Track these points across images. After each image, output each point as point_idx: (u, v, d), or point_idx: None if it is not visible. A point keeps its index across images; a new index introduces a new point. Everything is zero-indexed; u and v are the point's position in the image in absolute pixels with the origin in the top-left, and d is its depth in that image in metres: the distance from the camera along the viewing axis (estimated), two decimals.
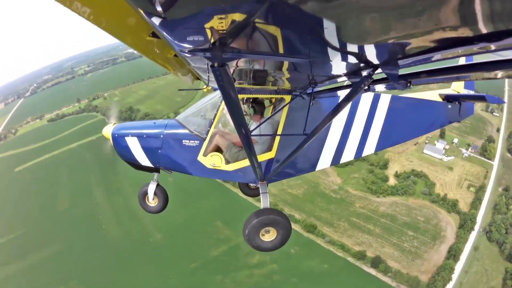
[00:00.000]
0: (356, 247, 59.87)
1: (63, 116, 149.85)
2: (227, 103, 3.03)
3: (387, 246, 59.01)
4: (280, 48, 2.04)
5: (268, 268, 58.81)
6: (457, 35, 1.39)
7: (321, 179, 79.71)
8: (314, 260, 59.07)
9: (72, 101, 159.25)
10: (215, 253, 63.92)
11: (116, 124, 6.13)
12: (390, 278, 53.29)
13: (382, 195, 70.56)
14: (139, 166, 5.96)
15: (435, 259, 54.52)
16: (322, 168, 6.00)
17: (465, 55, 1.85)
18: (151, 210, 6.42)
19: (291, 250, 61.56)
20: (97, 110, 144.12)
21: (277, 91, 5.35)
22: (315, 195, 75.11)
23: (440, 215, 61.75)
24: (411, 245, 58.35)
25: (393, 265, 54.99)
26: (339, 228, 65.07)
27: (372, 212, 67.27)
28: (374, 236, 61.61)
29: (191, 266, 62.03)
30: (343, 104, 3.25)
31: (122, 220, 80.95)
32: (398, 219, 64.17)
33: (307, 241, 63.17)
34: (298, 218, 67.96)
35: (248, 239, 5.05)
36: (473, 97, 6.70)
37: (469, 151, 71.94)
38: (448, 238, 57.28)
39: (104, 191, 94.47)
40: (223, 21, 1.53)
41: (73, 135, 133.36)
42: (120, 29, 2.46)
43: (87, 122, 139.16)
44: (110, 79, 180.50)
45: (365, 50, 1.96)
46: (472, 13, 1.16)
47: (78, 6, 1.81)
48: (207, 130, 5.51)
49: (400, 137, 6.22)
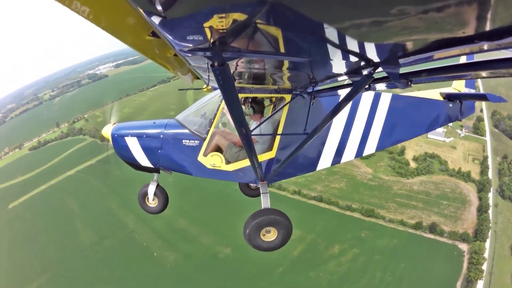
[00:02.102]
0: (410, 220, 74.29)
1: (45, 142, 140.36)
2: (227, 103, 3.14)
3: (432, 215, 75.01)
4: (281, 47, 2.09)
5: (351, 254, 68.54)
6: (458, 34, 1.42)
7: (354, 172, 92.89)
8: (384, 238, 71.29)
9: (50, 126, 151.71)
10: (296, 253, 70.31)
11: (116, 124, 6.18)
12: (446, 238, 69.11)
13: (410, 177, 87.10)
14: (139, 167, 6.01)
15: (471, 218, 72.49)
16: (322, 167, 6.09)
17: (466, 54, 1.85)
18: (151, 211, 6.48)
19: (362, 234, 72.71)
20: (83, 133, 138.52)
21: (277, 91, 5.41)
22: (356, 186, 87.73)
23: (460, 185, 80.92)
24: (449, 211, 75.59)
25: (444, 228, 71.25)
26: (390, 208, 78.88)
27: (409, 191, 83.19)
28: (420, 210, 77.18)
29: (279, 271, 66.68)
30: (344, 103, 3.34)
31: (174, 243, 79.12)
32: (431, 193, 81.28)
33: (371, 224, 75.08)
34: (355, 207, 79.53)
35: (248, 239, 5.14)
36: (474, 95, 6.87)
37: (464, 131, 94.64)
38: (473, 201, 76.25)
39: (133, 215, 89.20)
40: (223, 21, 1.57)
41: (65, 161, 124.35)
42: (119, 29, 2.51)
43: (76, 147, 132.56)
44: (82, 101, 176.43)
45: (365, 49, 2.01)
46: (472, 12, 1.19)
47: (78, 5, 1.85)
48: (207, 130, 5.58)
49: (401, 136, 6.29)
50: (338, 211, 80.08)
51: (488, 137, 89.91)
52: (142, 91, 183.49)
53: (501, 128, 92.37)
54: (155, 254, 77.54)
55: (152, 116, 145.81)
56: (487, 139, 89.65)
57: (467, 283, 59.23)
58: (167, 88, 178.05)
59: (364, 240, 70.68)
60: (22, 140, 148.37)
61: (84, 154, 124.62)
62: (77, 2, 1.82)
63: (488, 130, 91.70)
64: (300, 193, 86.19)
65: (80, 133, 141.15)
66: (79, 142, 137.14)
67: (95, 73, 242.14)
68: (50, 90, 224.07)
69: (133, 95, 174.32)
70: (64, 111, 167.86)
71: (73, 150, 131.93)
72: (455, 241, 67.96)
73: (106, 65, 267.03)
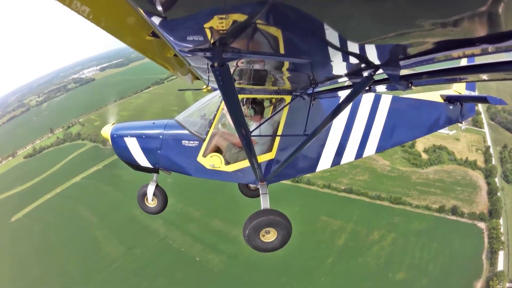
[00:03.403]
0: (433, 205, 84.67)
1: (41, 149, 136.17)
2: (227, 103, 3.20)
3: (451, 200, 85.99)
4: (281, 48, 2.12)
5: (390, 238, 76.68)
6: (459, 36, 1.44)
7: (374, 165, 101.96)
8: (414, 222, 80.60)
9: (43, 132, 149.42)
10: (341, 242, 76.81)
11: (115, 124, 6.28)
12: (466, 219, 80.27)
13: (424, 167, 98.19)
14: (138, 167, 6.12)
15: (483, 200, 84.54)
16: (322, 169, 6.18)
17: (467, 56, 1.88)
18: (151, 211, 6.60)
19: (395, 220, 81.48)
20: (82, 138, 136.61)
21: (277, 91, 5.52)
22: (379, 177, 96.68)
23: (469, 172, 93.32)
24: (464, 195, 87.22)
25: (463, 210, 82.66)
26: (413, 196, 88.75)
27: (426, 180, 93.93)
28: (439, 196, 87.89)
29: (328, 262, 71.93)
30: (344, 104, 3.40)
31: (215, 245, 79.35)
32: (445, 181, 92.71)
33: (401, 211, 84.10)
34: (384, 196, 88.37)
35: (248, 240, 5.25)
36: (475, 98, 7.06)
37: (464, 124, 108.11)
38: (482, 186, 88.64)
39: (160, 220, 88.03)
40: (223, 21, 1.58)
41: (67, 168, 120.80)
42: (119, 29, 2.54)
43: (76, 152, 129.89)
44: (73, 105, 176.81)
45: (366, 50, 2.03)
46: (473, 14, 1.19)
47: (78, 5, 1.87)
48: (207, 130, 5.68)
49: (401, 138, 6.40)
50: (368, 200, 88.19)
51: (486, 128, 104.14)
52: (136, 93, 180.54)
53: (497, 121, 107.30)
54: (197, 258, 77.15)
55: (154, 117, 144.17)
56: (485, 130, 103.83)
57: (492, 254, 70.34)
58: (163, 90, 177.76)
59: (398, 225, 79.43)
60: (14, 148, 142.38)
61: (87, 159, 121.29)
62: (77, 2, 1.86)
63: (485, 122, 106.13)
64: (330, 187, 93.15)
65: (78, 138, 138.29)
66: (79, 147, 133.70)
67: (80, 77, 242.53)
68: (36, 96, 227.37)
69: (127, 97, 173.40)
70: (56, 116, 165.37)
71: (73, 156, 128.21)
72: (474, 221, 79.22)
73: (91, 68, 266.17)
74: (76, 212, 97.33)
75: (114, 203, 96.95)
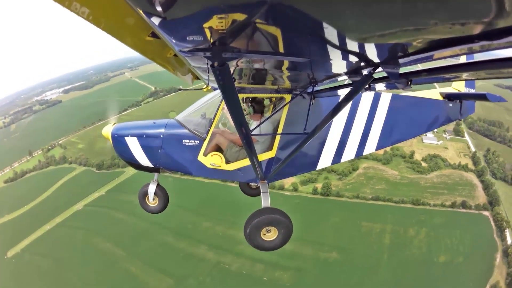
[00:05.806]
0: (446, 202, 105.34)
1: (23, 174, 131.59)
2: (227, 103, 3.35)
3: (457, 197, 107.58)
4: (280, 47, 2.19)
5: (423, 232, 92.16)
6: (458, 33, 1.48)
7: (384, 175, 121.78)
8: (436, 217, 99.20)
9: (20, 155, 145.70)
10: (388, 241, 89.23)
11: (116, 124, 6.53)
12: (473, 210, 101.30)
13: (427, 173, 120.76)
14: (139, 166, 6.37)
15: (481, 195, 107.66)
16: (322, 167, 6.46)
17: (466, 54, 1.89)
18: (152, 210, 6.89)
19: (421, 218, 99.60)
20: (69, 162, 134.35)
21: (277, 90, 5.71)
22: (394, 185, 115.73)
23: (464, 174, 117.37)
24: (466, 193, 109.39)
25: (470, 204, 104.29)
26: (427, 198, 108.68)
27: (433, 183, 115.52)
28: (447, 195, 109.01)
29: (385, 258, 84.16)
30: (344, 103, 3.55)
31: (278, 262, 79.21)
32: (447, 182, 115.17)
33: (423, 210, 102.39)
34: (406, 199, 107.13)
35: (249, 238, 5.53)
36: (474, 95, 7.16)
37: (447, 134, 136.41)
38: (477, 184, 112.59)
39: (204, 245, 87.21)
40: (223, 21, 1.63)
41: (60, 194, 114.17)
42: (119, 29, 2.60)
43: (66, 177, 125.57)
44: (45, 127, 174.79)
45: (365, 49, 2.09)
46: (473, 11, 1.23)
47: (77, 6, 1.91)
48: (207, 129, 5.90)
49: (400, 136, 6.64)
50: (394, 205, 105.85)
51: (467, 137, 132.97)
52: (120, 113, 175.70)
53: (475, 129, 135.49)
54: (265, 278, 77.13)
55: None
56: (467, 138, 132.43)
57: (501, 232, 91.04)
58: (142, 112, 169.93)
59: (425, 221, 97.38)
60: None
61: (82, 185, 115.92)
62: (76, 3, 1.91)
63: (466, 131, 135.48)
64: (359, 196, 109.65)
65: (64, 162, 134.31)
66: (68, 171, 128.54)
67: (44, 99, 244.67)
68: (2, 117, 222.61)
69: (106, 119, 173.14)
70: (29, 139, 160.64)
71: (64, 181, 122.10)
72: (480, 211, 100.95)
73: (53, 91, 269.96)
74: (93, 244, 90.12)
75: (137, 231, 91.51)
